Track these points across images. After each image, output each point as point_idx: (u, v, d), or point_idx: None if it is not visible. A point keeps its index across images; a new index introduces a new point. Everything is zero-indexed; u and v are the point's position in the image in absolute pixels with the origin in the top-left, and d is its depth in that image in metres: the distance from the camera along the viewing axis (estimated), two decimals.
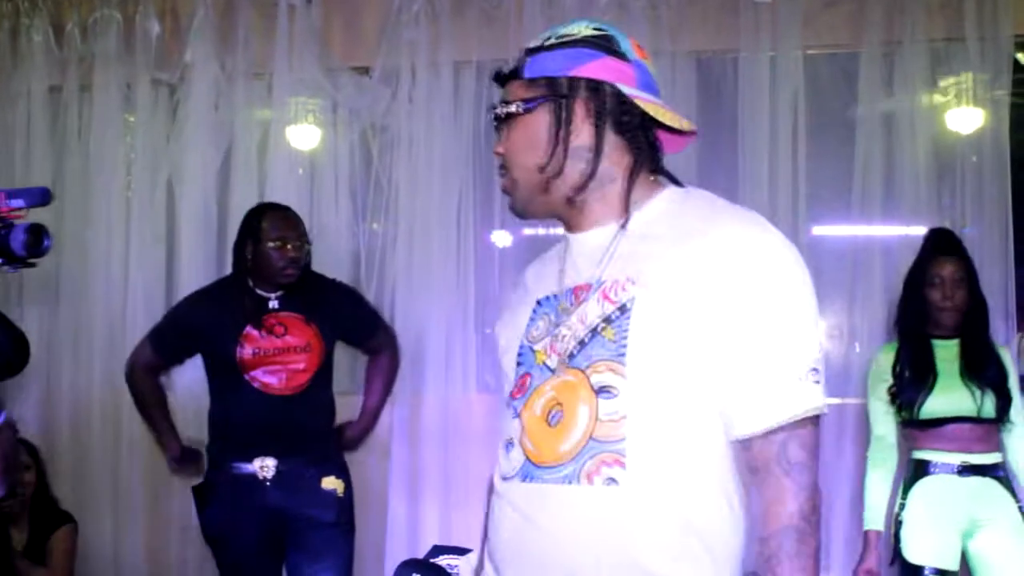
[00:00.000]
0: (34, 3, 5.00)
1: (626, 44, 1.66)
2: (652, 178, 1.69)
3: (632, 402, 1.51)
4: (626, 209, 1.64)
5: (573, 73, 1.61)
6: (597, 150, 1.62)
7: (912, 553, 3.42)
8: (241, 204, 4.68)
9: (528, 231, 4.55)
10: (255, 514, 3.45)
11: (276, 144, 4.75)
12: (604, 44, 1.64)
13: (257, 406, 3.46)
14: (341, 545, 3.51)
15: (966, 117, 4.24)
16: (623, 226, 1.63)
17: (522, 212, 1.71)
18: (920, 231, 3.94)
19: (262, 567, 3.53)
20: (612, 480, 1.50)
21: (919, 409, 3.43)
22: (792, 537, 1.45)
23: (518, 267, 4.44)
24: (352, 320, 3.72)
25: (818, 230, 4.35)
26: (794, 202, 4.24)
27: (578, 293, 1.61)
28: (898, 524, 3.47)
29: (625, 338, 1.51)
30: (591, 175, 1.63)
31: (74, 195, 4.92)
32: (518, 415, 1.62)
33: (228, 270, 4.70)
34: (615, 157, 1.64)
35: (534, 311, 1.70)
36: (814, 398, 1.48)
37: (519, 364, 1.67)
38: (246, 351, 3.46)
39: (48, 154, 5.01)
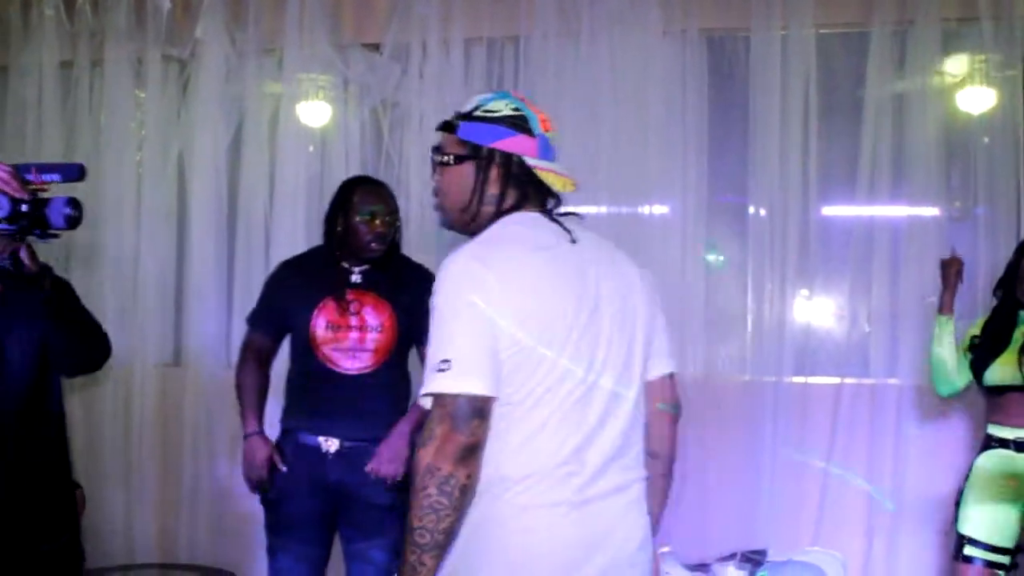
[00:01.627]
0: None
1: (534, 122, 2.16)
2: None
3: None
4: None
5: (492, 145, 2.14)
6: (502, 197, 2.14)
7: (967, 526, 3.45)
8: (251, 179, 4.75)
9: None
10: (314, 485, 3.48)
11: (286, 120, 4.78)
12: (519, 123, 2.14)
13: (325, 383, 3.50)
14: (393, 528, 3.53)
15: (977, 97, 4.25)
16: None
17: (449, 228, 2.26)
18: (930, 212, 3.97)
19: (311, 537, 3.58)
20: None
21: (982, 374, 3.48)
22: None
23: None
24: (424, 317, 3.71)
25: (827, 210, 4.36)
26: (804, 182, 4.26)
27: None
28: (960, 495, 3.51)
29: None
30: (496, 214, 2.14)
31: (90, 183, 4.93)
32: None
33: (238, 244, 4.80)
34: (514, 199, 2.14)
35: None
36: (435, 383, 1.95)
37: None
38: (320, 324, 3.49)
39: (59, 129, 5.06)
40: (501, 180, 2.15)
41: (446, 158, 2.20)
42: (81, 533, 3.92)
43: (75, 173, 2.38)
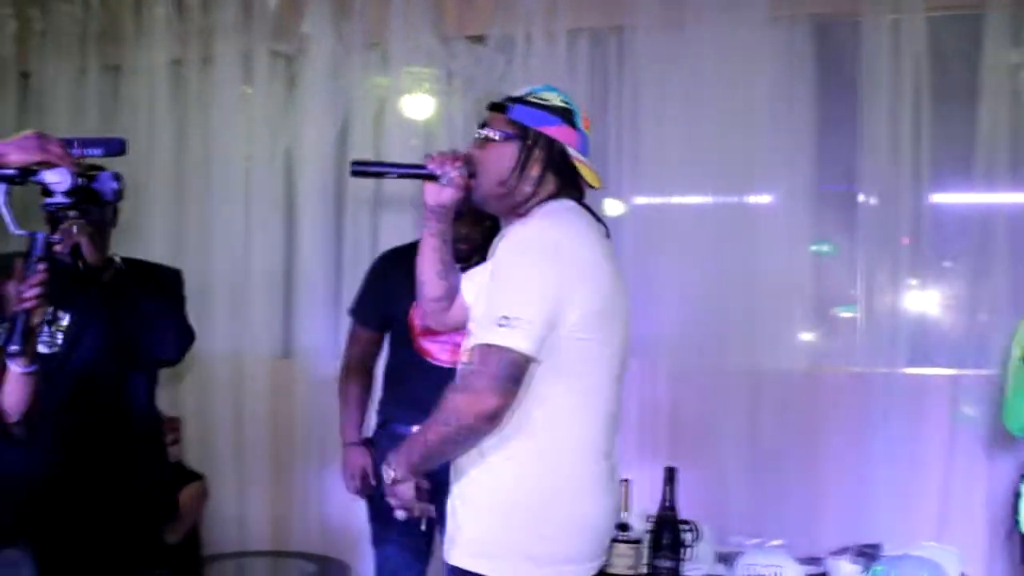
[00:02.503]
0: None
1: (578, 117, 2.43)
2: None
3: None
4: None
5: (539, 129, 2.36)
6: (541, 179, 2.36)
7: None
8: None
9: (641, 199, 4.59)
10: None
11: (391, 113, 4.86)
12: (566, 115, 2.39)
13: (422, 375, 3.56)
14: None
15: None
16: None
17: (479, 204, 2.45)
18: None
19: (413, 526, 3.66)
20: None
21: None
22: None
23: (631, 235, 4.52)
24: None
25: (941, 197, 4.29)
26: (916, 169, 4.20)
27: None
28: (1017, 496, 3.44)
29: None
30: (531, 196, 2.36)
31: (195, 165, 5.12)
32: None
33: (345, 237, 4.89)
34: (550, 186, 2.37)
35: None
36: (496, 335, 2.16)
37: None
38: (418, 315, 3.56)
39: (170, 126, 5.19)
40: (542, 163, 2.35)
41: (494, 134, 2.37)
42: (201, 522, 4.04)
43: (117, 147, 2.43)
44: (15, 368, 2.50)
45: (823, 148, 4.38)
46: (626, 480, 3.50)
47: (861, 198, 4.30)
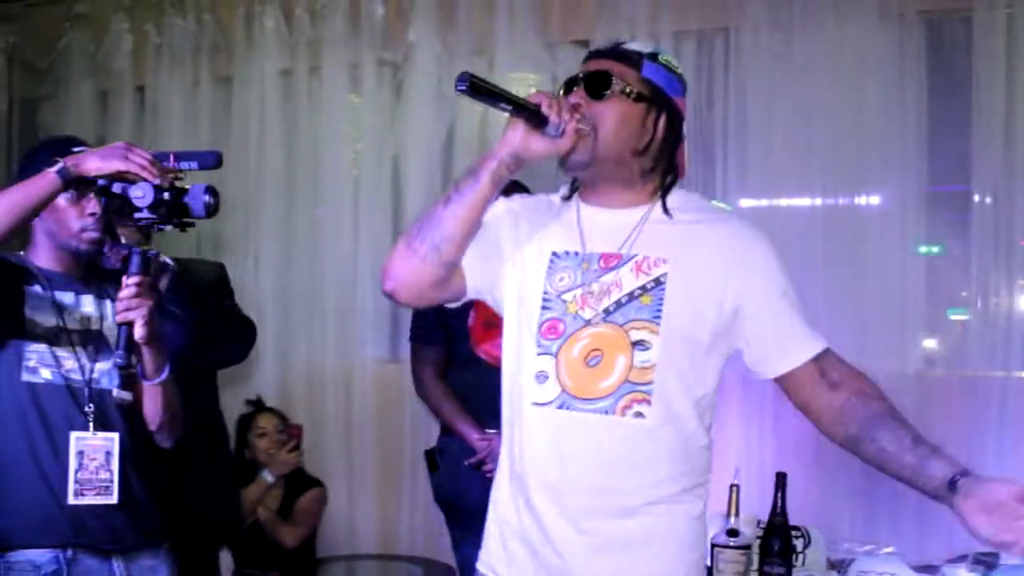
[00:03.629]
0: None
1: None
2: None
3: (661, 355, 2.00)
4: (657, 200, 2.10)
5: (674, 98, 2.10)
6: (661, 154, 2.08)
7: None
8: None
9: (748, 201, 4.58)
10: (482, 481, 3.56)
11: (497, 121, 4.90)
12: (684, 85, 2.14)
13: (485, 378, 3.61)
14: None
15: None
16: (655, 212, 2.10)
17: (584, 164, 2.04)
18: None
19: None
20: (640, 415, 1.99)
21: None
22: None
23: None
24: None
25: None
26: None
27: (607, 259, 2.07)
28: None
29: (661, 305, 2.01)
30: (651, 170, 2.09)
31: (305, 174, 5.25)
32: (553, 354, 2.05)
33: None
34: (663, 164, 2.10)
35: (551, 262, 2.12)
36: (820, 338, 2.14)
37: (545, 308, 2.09)
38: (478, 320, 3.62)
39: (280, 135, 5.34)
40: (665, 134, 2.07)
41: (628, 89, 2.04)
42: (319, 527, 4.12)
43: (212, 161, 2.44)
44: (144, 381, 2.59)
45: (935, 147, 4.32)
46: (736, 485, 3.51)
47: (976, 198, 4.23)
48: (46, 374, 2.61)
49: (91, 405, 2.64)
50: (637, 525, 2.03)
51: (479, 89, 1.91)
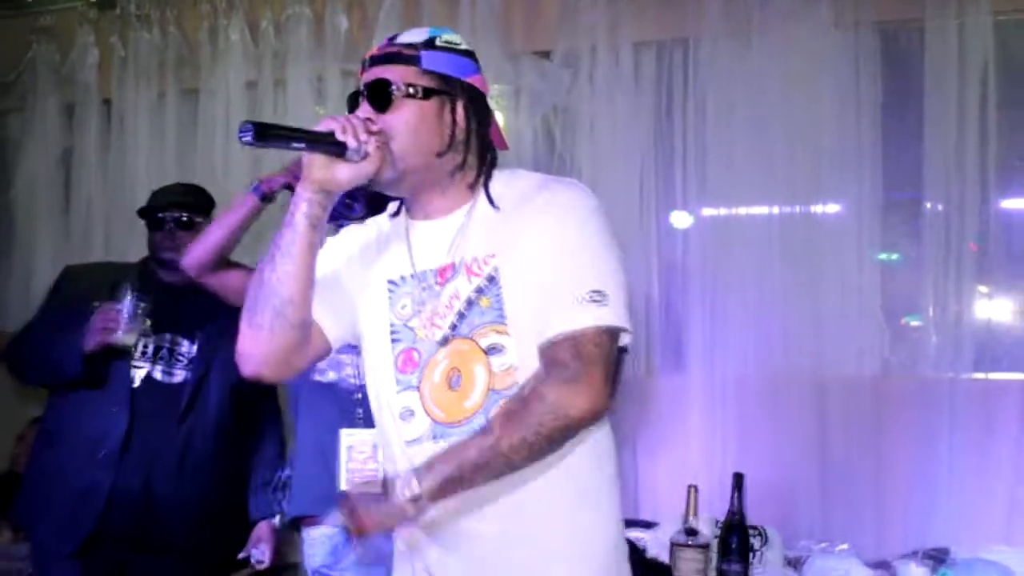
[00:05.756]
0: (231, 3, 5.42)
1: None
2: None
3: (518, 353, 1.86)
4: (480, 193, 1.98)
5: (466, 79, 1.96)
6: (468, 144, 1.95)
7: None
8: None
9: (709, 211, 4.66)
10: None
11: None
12: (476, 60, 2.01)
13: None
14: None
15: None
16: (478, 207, 1.97)
17: (394, 180, 1.93)
18: None
19: None
20: None
21: None
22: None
23: (700, 247, 4.61)
24: None
25: (1008, 204, 4.32)
26: (983, 176, 4.22)
27: (442, 273, 1.95)
28: None
29: (501, 303, 1.87)
30: (462, 164, 1.96)
31: None
32: (415, 387, 1.93)
33: None
34: (476, 151, 1.98)
35: (390, 292, 2.01)
36: (593, 315, 1.82)
37: (395, 341, 1.97)
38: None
39: (244, 153, 5.31)
40: (468, 121, 1.95)
41: (412, 90, 1.90)
42: None
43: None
44: None
45: (889, 156, 4.41)
46: (694, 486, 3.62)
47: (928, 205, 4.32)
48: (332, 376, 2.77)
49: (360, 407, 2.80)
50: (535, 542, 1.92)
51: (266, 135, 1.77)
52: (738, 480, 3.62)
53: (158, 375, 3.39)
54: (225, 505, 3.55)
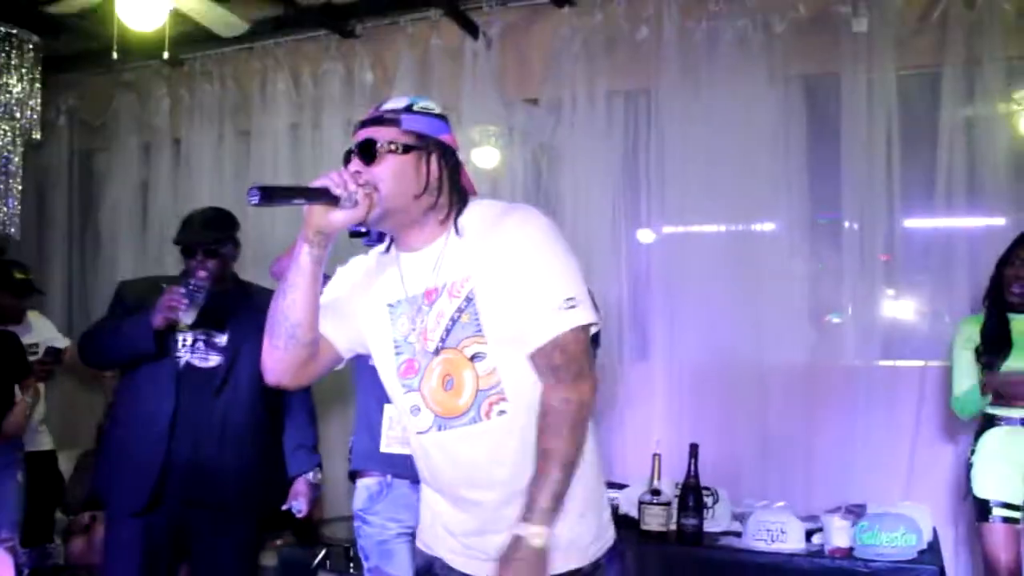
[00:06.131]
0: (277, 61, 5.45)
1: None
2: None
3: (497, 358, 1.90)
4: (450, 228, 1.97)
5: (439, 137, 1.98)
6: (440, 188, 1.95)
7: (981, 489, 3.49)
8: None
9: (668, 229, 4.69)
10: None
11: (465, 162, 4.99)
12: (447, 122, 2.03)
13: None
14: None
15: None
16: (452, 238, 1.97)
17: (380, 218, 1.92)
18: (999, 222, 3.97)
19: None
20: (502, 412, 1.92)
21: (996, 370, 3.47)
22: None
23: (661, 259, 4.63)
24: None
25: (910, 223, 4.36)
26: (889, 200, 4.26)
27: (429, 295, 1.96)
28: (969, 466, 3.54)
29: (478, 318, 1.90)
30: (435, 204, 1.95)
31: None
32: (416, 389, 1.98)
33: None
34: (448, 193, 1.97)
35: (390, 313, 2.02)
36: (571, 319, 1.87)
37: (398, 353, 2.01)
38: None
39: (290, 177, 5.35)
40: (442, 171, 1.96)
41: (393, 146, 1.92)
42: None
43: None
44: None
45: (814, 184, 4.45)
46: (657, 455, 3.65)
47: (846, 224, 4.35)
48: None
49: None
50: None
51: (272, 196, 1.81)
52: (693, 449, 3.60)
53: (197, 362, 3.36)
54: (264, 466, 3.49)
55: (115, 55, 4.34)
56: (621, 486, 3.95)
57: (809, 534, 3.46)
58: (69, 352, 4.40)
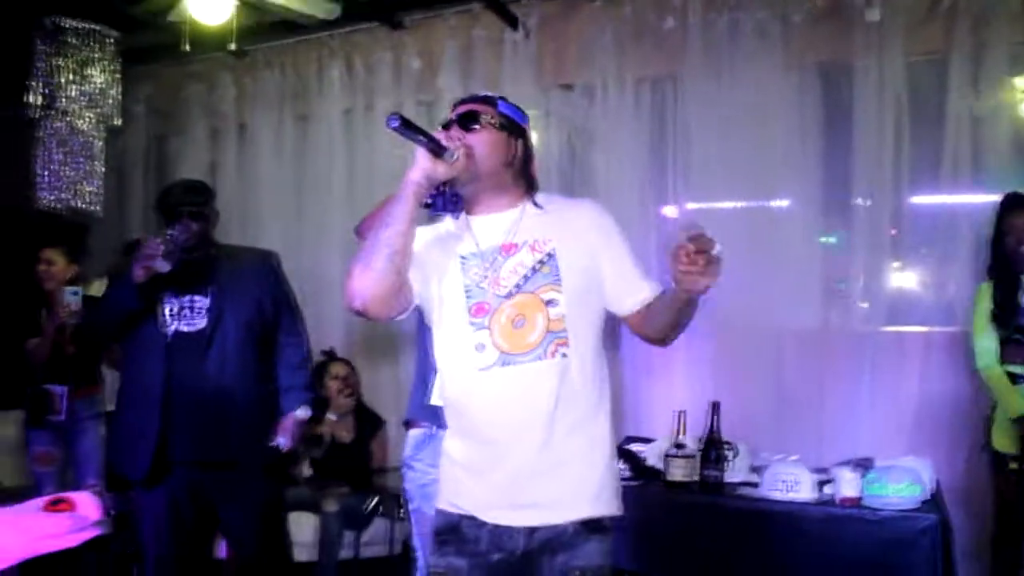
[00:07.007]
0: (332, 51, 5.51)
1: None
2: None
3: (568, 306, 2.07)
4: (527, 200, 2.16)
5: (524, 124, 2.19)
6: (523, 163, 2.15)
7: (998, 443, 3.56)
8: None
9: (692, 205, 4.71)
10: None
11: None
12: (528, 119, 2.21)
13: None
14: None
15: None
16: (528, 208, 2.16)
17: (471, 178, 2.07)
18: (999, 199, 3.98)
19: None
20: (564, 355, 2.06)
21: (1011, 330, 3.52)
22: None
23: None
24: None
25: (917, 200, 4.36)
26: (897, 179, 4.27)
27: (507, 249, 2.11)
28: (989, 421, 3.59)
29: (558, 271, 2.08)
30: (516, 179, 2.14)
31: (363, 188, 5.35)
32: (486, 327, 2.08)
33: None
34: (524, 175, 2.16)
35: (462, 263, 2.13)
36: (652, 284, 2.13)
37: (469, 296, 2.11)
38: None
39: (344, 162, 5.47)
40: (523, 149, 2.15)
41: (492, 120, 2.11)
42: None
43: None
44: None
45: (827, 164, 4.44)
46: (682, 411, 3.68)
47: (857, 201, 4.36)
48: None
49: None
50: (566, 446, 2.06)
51: (408, 126, 1.93)
52: (715, 407, 3.60)
53: (185, 328, 3.25)
54: (263, 417, 3.41)
55: (186, 48, 4.40)
56: (648, 440, 3.99)
57: (821, 485, 3.47)
58: None
